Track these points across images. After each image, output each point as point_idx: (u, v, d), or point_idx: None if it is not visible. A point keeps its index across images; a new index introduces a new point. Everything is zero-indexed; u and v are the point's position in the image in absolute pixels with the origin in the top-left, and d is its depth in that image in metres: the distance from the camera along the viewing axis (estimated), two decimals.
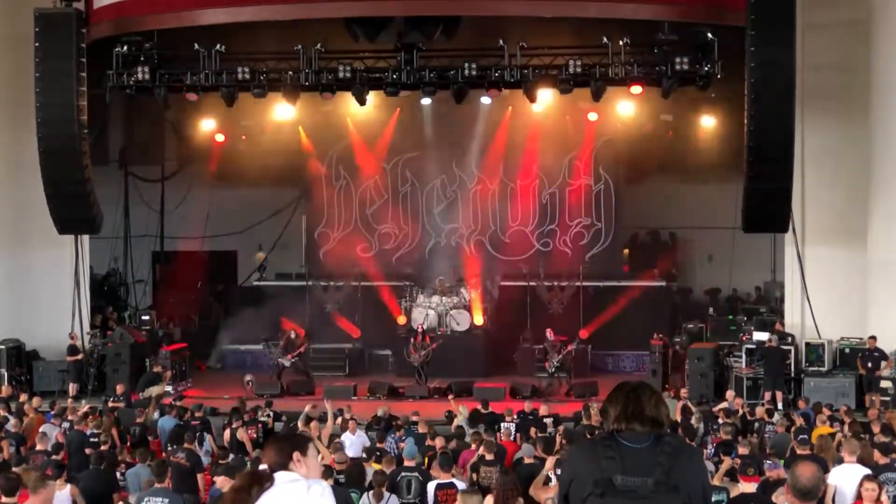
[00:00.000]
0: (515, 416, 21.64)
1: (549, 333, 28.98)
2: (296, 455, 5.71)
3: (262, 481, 5.55)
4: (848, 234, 26.59)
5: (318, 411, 21.24)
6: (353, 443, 19.20)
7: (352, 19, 25.27)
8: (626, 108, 31.31)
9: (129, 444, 19.79)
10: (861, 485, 12.10)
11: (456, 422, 21.16)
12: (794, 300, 27.35)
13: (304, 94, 27.23)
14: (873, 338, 25.13)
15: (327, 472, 13.55)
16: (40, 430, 19.36)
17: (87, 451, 17.82)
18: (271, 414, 23.04)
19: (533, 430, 20.20)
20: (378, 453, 16.67)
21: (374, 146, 33.88)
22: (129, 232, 36.39)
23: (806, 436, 16.58)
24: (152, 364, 27.60)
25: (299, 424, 20.28)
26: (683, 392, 24.04)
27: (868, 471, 13.23)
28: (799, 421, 19.50)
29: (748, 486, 12.25)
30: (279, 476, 5.61)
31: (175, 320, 34.36)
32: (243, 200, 35.54)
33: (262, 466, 5.70)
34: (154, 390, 25.33)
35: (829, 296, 26.67)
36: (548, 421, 21.23)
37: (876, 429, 18.07)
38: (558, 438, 17.85)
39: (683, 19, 24.34)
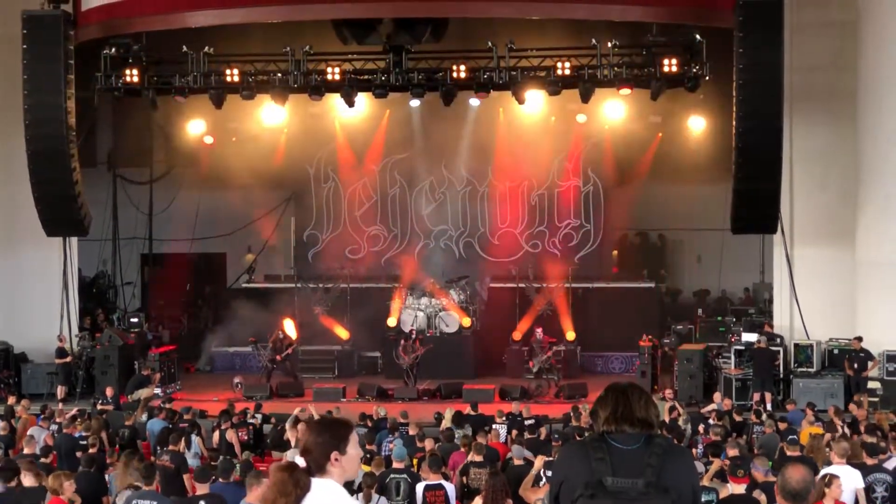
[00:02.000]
0: (505, 418, 21.64)
1: (538, 332, 29.00)
2: (333, 455, 5.51)
3: (301, 486, 5.42)
4: (836, 234, 26.64)
5: (308, 414, 21.22)
6: None
7: (340, 21, 25.26)
8: (615, 109, 31.34)
9: (117, 446, 19.72)
10: (827, 482, 11.99)
11: (443, 424, 21.18)
12: (783, 301, 27.38)
13: (293, 96, 27.25)
14: (858, 339, 25.17)
15: None
16: (28, 432, 19.31)
17: (79, 454, 17.77)
18: (260, 416, 23.01)
19: (514, 432, 20.22)
20: (367, 455, 16.65)
21: (362, 148, 33.86)
22: (118, 234, 36.31)
23: (795, 437, 16.59)
24: (141, 367, 27.56)
25: (287, 427, 20.27)
26: (668, 393, 24.03)
27: (857, 472, 13.25)
28: (783, 426, 19.42)
29: (737, 488, 12.26)
30: (315, 485, 5.47)
31: (164, 323, 34.36)
32: (232, 203, 35.49)
33: (300, 461, 5.55)
34: (142, 393, 25.31)
35: (817, 297, 26.72)
36: (529, 423, 21.21)
37: (861, 429, 18.10)
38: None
39: (672, 21, 24.36)
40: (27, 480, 13.00)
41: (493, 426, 20.69)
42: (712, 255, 34.16)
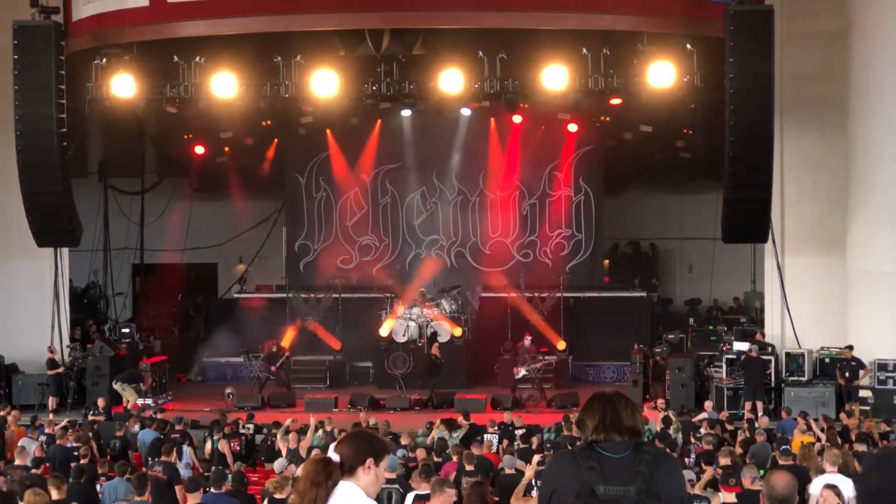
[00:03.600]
0: (497, 428, 21.65)
1: (526, 340, 28.95)
2: (369, 461, 5.60)
3: (333, 478, 5.51)
4: (827, 243, 26.67)
5: (299, 425, 21.25)
6: None
7: (332, 31, 25.27)
8: (606, 118, 31.35)
9: (108, 457, 19.69)
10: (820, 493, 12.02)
11: (432, 434, 21.20)
12: (774, 310, 27.40)
13: (285, 106, 27.21)
14: (850, 347, 25.20)
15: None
16: (19, 443, 19.28)
17: (73, 465, 17.74)
18: (252, 426, 23.00)
19: (504, 442, 20.23)
20: None
21: (354, 158, 33.87)
22: (109, 244, 36.33)
23: (787, 446, 16.60)
24: (148, 371, 27.87)
25: (278, 437, 20.27)
26: (661, 402, 24.08)
27: (849, 481, 13.24)
28: (760, 439, 19.38)
29: (729, 496, 12.27)
30: (341, 486, 5.54)
31: (155, 333, 34.30)
32: (223, 213, 35.51)
33: (335, 456, 5.62)
34: (130, 394, 25.62)
35: (808, 305, 26.74)
36: (518, 432, 21.22)
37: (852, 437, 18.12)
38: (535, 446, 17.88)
39: (662, 30, 24.39)
40: (55, 494, 13.02)
41: (485, 436, 20.69)
42: (704, 264, 34.25)
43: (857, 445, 16.90)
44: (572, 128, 32.34)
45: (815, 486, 12.93)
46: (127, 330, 31.06)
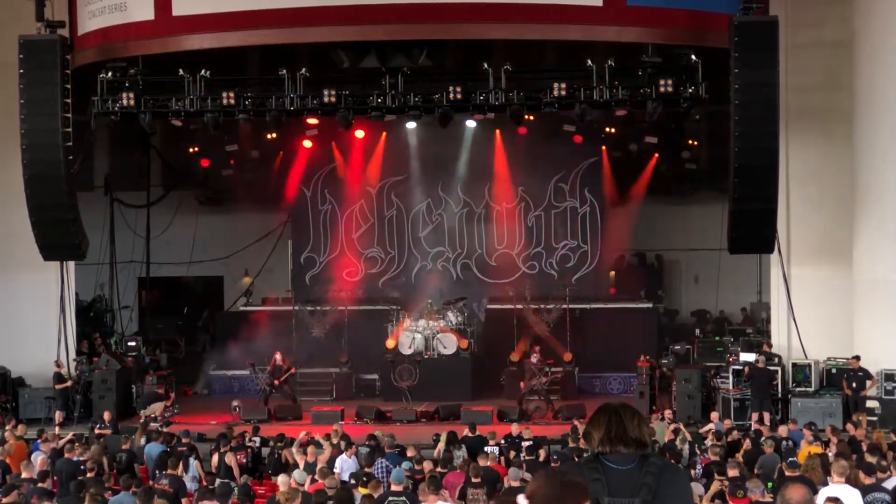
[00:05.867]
0: (502, 440, 21.63)
1: (534, 356, 28.83)
2: None
3: None
4: (833, 254, 26.65)
5: (309, 437, 21.25)
6: (350, 466, 19.15)
7: (336, 44, 25.28)
8: (612, 130, 31.33)
9: (115, 471, 19.68)
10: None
11: (439, 446, 21.19)
12: (781, 321, 27.36)
13: (289, 119, 27.22)
14: (856, 358, 25.18)
15: (318, 495, 13.48)
16: (33, 457, 19.33)
17: (81, 478, 17.74)
18: (258, 439, 22.98)
19: (512, 453, 20.21)
20: (365, 478, 16.61)
21: (359, 170, 33.88)
22: (115, 258, 36.33)
23: (794, 458, 16.55)
24: (155, 385, 27.77)
25: (294, 450, 20.22)
26: (668, 414, 24.04)
27: (857, 491, 13.22)
28: (769, 450, 19.35)
29: None
30: None
31: (161, 346, 34.30)
32: (229, 225, 35.51)
33: (522, 500, 4.85)
34: (157, 407, 25.72)
35: (815, 316, 26.69)
36: (527, 444, 21.20)
37: (863, 448, 18.07)
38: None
39: (667, 42, 24.39)
40: None
41: (487, 448, 20.66)
42: (710, 275, 34.18)
43: (867, 456, 16.85)
44: (577, 139, 32.31)
45: (822, 498, 12.89)
46: (133, 343, 31.04)
